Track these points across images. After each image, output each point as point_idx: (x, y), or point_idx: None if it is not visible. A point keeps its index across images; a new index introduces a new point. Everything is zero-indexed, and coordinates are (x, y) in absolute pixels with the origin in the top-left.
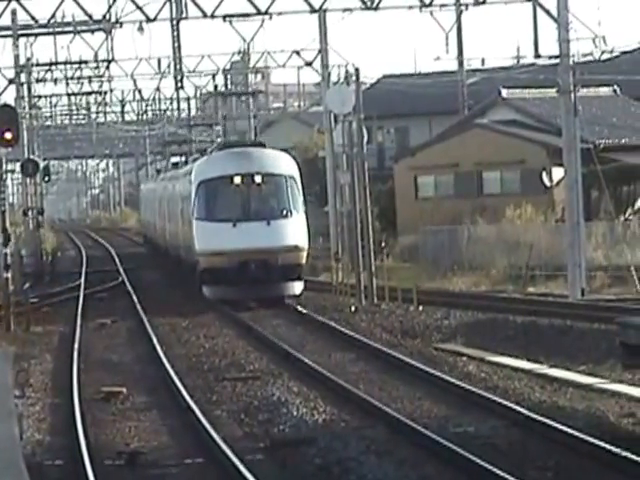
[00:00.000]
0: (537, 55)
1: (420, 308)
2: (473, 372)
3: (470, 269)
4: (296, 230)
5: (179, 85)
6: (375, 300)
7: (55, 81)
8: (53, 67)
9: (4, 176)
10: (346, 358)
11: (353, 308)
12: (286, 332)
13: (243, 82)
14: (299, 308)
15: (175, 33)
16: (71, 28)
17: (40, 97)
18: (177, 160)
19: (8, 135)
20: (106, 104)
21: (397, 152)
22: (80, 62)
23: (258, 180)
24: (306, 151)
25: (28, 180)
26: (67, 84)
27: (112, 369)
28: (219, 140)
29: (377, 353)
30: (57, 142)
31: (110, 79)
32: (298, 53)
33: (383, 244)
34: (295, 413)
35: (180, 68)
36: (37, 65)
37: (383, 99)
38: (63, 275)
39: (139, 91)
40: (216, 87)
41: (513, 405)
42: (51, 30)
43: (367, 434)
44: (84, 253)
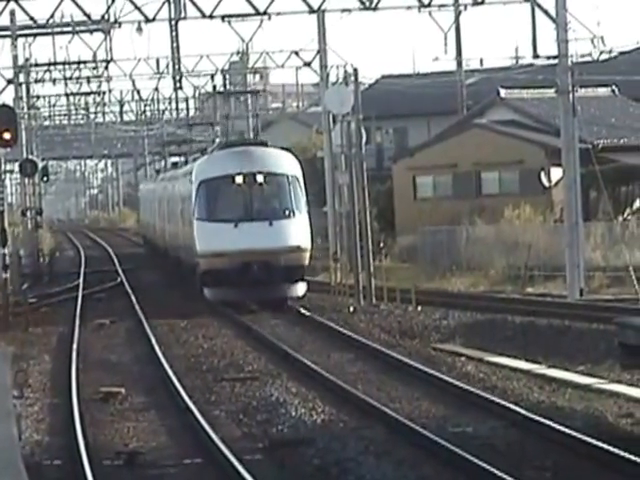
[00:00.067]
0: (536, 55)
1: (419, 308)
2: (472, 372)
3: (469, 269)
4: (299, 230)
5: (178, 85)
6: (374, 300)
7: (54, 81)
8: (52, 67)
9: (3, 176)
10: (345, 358)
11: (352, 308)
12: (285, 332)
13: (242, 82)
14: (302, 310)
15: (174, 33)
16: (70, 28)
17: (39, 97)
18: (177, 160)
19: (7, 135)
20: (105, 104)
21: (396, 152)
22: (79, 62)
23: (260, 180)
24: (304, 151)
25: (27, 180)
26: (66, 84)
27: (111, 369)
28: (218, 140)
29: (376, 353)
30: (56, 142)
31: (109, 79)
32: (297, 53)
33: (382, 244)
34: (294, 413)
35: (179, 68)
36: (36, 65)
37: (382, 99)
38: (62, 275)
39: (138, 91)
40: (215, 87)
41: (512, 405)
42: (50, 30)
43: (366, 434)
44: (82, 253)
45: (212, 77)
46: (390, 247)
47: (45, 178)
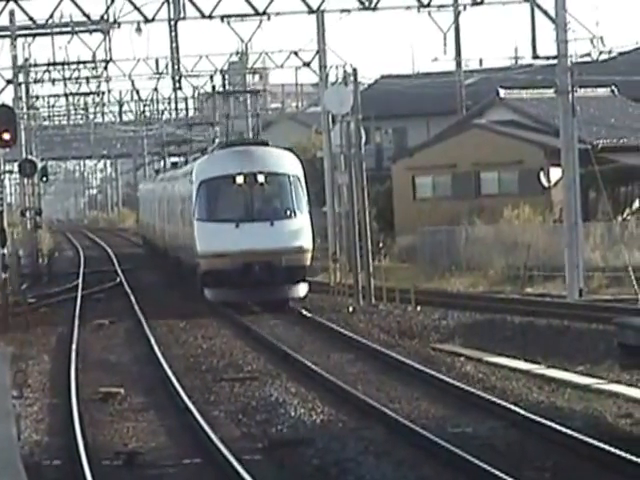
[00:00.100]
0: (535, 56)
1: (418, 308)
2: (471, 372)
3: (468, 269)
4: (300, 231)
5: (177, 85)
6: (373, 300)
7: (53, 81)
8: (51, 67)
9: (2, 176)
10: (344, 358)
11: (351, 309)
12: (284, 332)
13: (241, 83)
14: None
15: (173, 33)
16: (69, 29)
17: (38, 97)
18: (177, 160)
19: (6, 136)
20: (104, 104)
21: (395, 152)
22: (78, 62)
23: (261, 179)
24: (304, 152)
25: (26, 180)
26: (65, 84)
27: (110, 369)
28: (218, 140)
29: (375, 353)
30: (55, 142)
31: (108, 79)
32: (296, 54)
33: (381, 244)
34: (293, 414)
35: (178, 68)
36: (35, 65)
37: (381, 99)
38: (61, 276)
39: (137, 91)
40: (214, 87)
41: (511, 406)
42: (49, 31)
43: (365, 435)
44: (82, 254)
45: (211, 77)
46: (389, 247)
47: (44, 178)
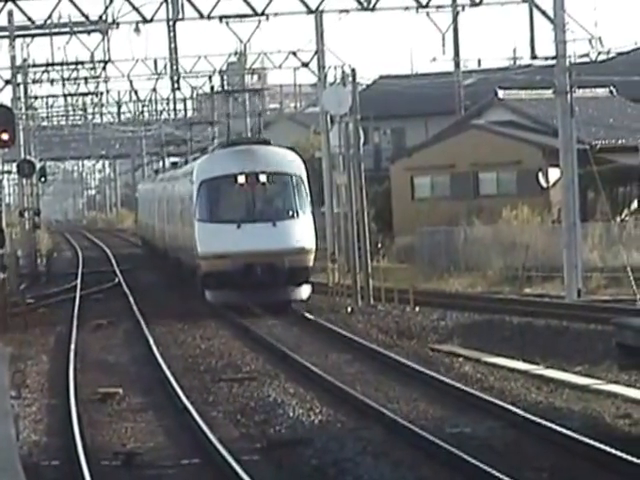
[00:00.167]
0: (533, 56)
1: (416, 309)
2: (469, 373)
3: (466, 270)
4: (303, 231)
5: (175, 86)
6: (371, 301)
7: (51, 82)
8: (49, 68)
9: (0, 177)
10: (342, 359)
11: (349, 309)
12: (282, 333)
13: (239, 83)
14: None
15: (171, 34)
16: (67, 29)
17: (36, 98)
18: (176, 160)
19: (4, 136)
20: (102, 105)
21: (393, 153)
22: (76, 63)
23: (263, 179)
24: (302, 152)
25: (24, 181)
26: (63, 85)
27: (108, 370)
28: (216, 140)
29: (373, 354)
30: (53, 143)
31: (106, 80)
32: (295, 54)
33: (379, 245)
34: (291, 414)
35: (176, 69)
36: (33, 66)
37: (379, 100)
38: (59, 276)
39: (135, 92)
40: (212, 88)
41: (509, 406)
42: (47, 31)
43: (363, 435)
44: (80, 254)
45: (210, 78)
46: (388, 248)
47: (43, 179)
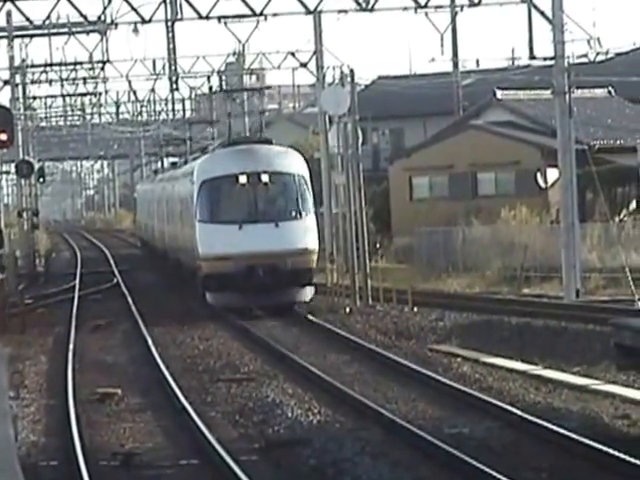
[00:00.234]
0: (532, 56)
1: (415, 309)
2: (468, 373)
3: (465, 270)
4: (306, 232)
5: (174, 86)
6: (370, 301)
7: (50, 82)
8: (48, 68)
9: None
10: (341, 359)
11: (348, 309)
12: (281, 333)
13: (238, 83)
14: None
15: (170, 34)
16: (66, 29)
17: (35, 98)
18: (176, 160)
19: (3, 136)
20: (101, 105)
21: (392, 153)
22: (75, 63)
23: (265, 179)
24: (301, 152)
25: (23, 181)
26: (62, 85)
27: (107, 370)
28: (215, 139)
29: (372, 354)
30: (52, 143)
31: (105, 80)
32: (293, 54)
33: (378, 245)
34: (290, 414)
35: (175, 69)
36: (32, 66)
37: (378, 100)
38: (58, 276)
39: (134, 92)
40: (211, 88)
41: (508, 406)
42: (46, 31)
43: (362, 435)
44: (79, 254)
45: (208, 78)
46: (386, 248)
47: (41, 179)
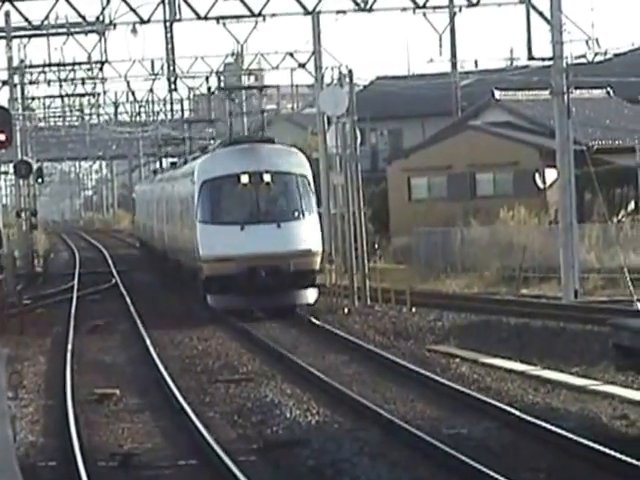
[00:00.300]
0: (530, 57)
1: (413, 310)
2: (466, 374)
3: (463, 271)
4: (309, 233)
5: (172, 87)
6: (368, 302)
7: (48, 83)
8: (46, 69)
9: None
10: (339, 360)
11: (346, 310)
12: (279, 334)
13: (237, 84)
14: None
15: (168, 35)
16: (64, 30)
17: (33, 99)
18: (175, 160)
19: (1, 137)
20: (99, 106)
21: (390, 154)
22: (73, 64)
23: (267, 179)
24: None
25: (21, 181)
26: (60, 86)
27: (105, 371)
28: (214, 139)
29: (370, 355)
30: (50, 144)
31: (103, 81)
32: (292, 55)
33: (376, 246)
34: (288, 415)
35: (173, 70)
36: (30, 67)
37: (376, 101)
38: (56, 277)
39: (132, 93)
40: (209, 89)
41: (506, 407)
42: (44, 32)
43: (360, 436)
44: (77, 255)
45: (207, 79)
46: (385, 248)
47: (40, 179)
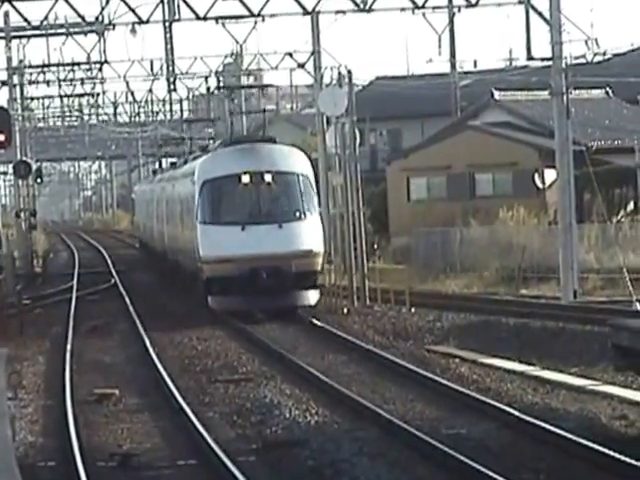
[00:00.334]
0: (530, 57)
1: (412, 310)
2: (465, 374)
3: (462, 271)
4: (310, 233)
5: (172, 87)
6: (368, 302)
7: (48, 83)
8: (46, 69)
9: None
10: (338, 360)
11: (345, 310)
12: (279, 334)
13: (236, 84)
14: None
15: (168, 35)
16: (64, 30)
17: (33, 99)
18: (175, 160)
19: (1, 137)
20: (98, 106)
21: (390, 154)
22: (73, 64)
23: (268, 179)
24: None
25: (20, 182)
26: (60, 86)
27: (105, 371)
28: (214, 139)
29: (369, 355)
30: (49, 144)
31: (102, 81)
32: (291, 55)
33: (375, 246)
34: (287, 415)
35: (173, 70)
36: (30, 67)
37: (376, 101)
38: (56, 277)
39: (132, 93)
40: (209, 89)
41: (505, 407)
42: (44, 32)
43: (359, 436)
44: (76, 255)
45: (206, 79)
46: (384, 248)
47: (39, 180)
